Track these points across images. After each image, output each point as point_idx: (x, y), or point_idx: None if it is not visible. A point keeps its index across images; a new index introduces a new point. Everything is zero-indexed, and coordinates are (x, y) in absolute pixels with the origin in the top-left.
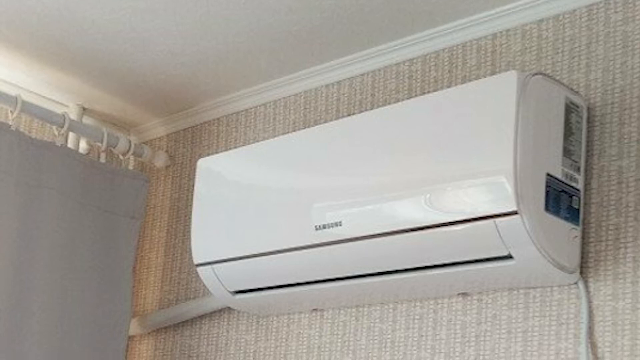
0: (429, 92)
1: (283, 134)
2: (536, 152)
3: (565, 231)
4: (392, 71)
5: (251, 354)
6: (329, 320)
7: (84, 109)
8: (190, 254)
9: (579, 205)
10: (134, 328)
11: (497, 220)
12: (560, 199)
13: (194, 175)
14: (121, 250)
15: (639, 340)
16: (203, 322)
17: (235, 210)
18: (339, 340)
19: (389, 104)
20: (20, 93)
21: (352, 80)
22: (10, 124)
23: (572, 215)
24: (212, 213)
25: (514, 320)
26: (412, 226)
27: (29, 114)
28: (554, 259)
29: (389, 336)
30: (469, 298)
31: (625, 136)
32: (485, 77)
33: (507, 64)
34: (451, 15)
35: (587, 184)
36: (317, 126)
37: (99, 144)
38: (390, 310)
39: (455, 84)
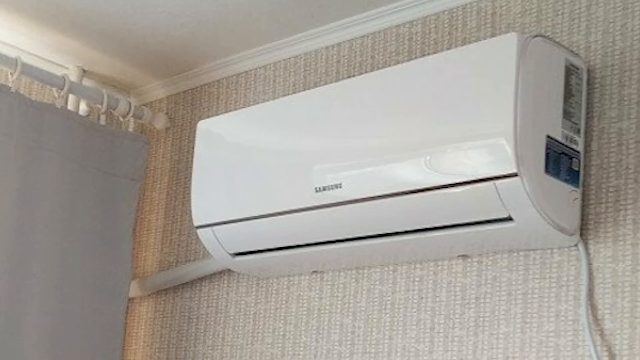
0: (429, 54)
1: (283, 96)
2: (536, 114)
3: (565, 193)
4: (392, 33)
5: (251, 316)
6: (329, 282)
7: (84, 70)
8: (190, 216)
9: (579, 167)
10: (134, 290)
11: (497, 182)
12: (560, 161)
13: (194, 137)
14: (121, 212)
15: (639, 302)
16: (203, 284)
17: (235, 172)
18: (339, 302)
19: (389, 66)
20: (20, 55)
21: (352, 42)
22: (10, 86)
23: (572, 177)
24: (212, 175)
25: (514, 282)
26: (412, 188)
27: (29, 75)
28: (554, 221)
29: (389, 298)
30: (469, 260)
31: (625, 98)
32: (485, 39)
33: (507, 26)
34: None
35: (587, 146)
36: (317, 88)
37: (99, 106)
38: (390, 272)
39: (455, 46)
